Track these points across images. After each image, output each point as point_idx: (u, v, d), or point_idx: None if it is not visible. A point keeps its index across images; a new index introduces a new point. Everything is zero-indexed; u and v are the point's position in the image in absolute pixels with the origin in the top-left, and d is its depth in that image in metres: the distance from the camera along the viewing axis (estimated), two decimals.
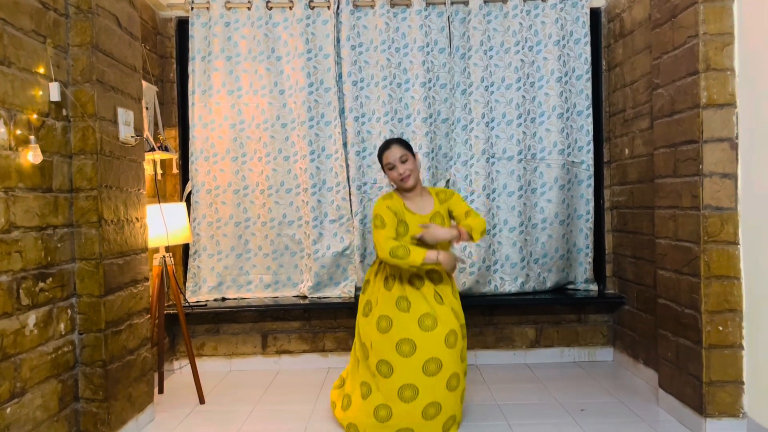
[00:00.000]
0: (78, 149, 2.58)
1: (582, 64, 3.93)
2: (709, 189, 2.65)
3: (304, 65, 3.86)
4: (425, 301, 2.77)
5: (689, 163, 2.74)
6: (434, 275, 2.84)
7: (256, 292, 4.04)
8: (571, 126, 3.95)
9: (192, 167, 3.96)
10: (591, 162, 3.95)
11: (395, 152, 2.82)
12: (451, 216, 2.94)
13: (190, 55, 3.93)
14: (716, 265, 2.65)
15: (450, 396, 2.72)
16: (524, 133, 3.91)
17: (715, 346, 2.65)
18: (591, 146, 3.94)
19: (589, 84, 3.94)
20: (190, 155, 3.96)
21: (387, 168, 2.86)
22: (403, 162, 2.81)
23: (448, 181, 3.91)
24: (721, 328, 2.64)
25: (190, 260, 4.00)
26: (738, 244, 2.64)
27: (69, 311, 2.55)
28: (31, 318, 2.29)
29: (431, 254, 2.69)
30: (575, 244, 4.00)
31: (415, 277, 2.82)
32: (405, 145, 2.87)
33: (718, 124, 2.64)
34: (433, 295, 2.80)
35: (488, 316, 4.01)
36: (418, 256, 2.66)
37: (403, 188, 2.86)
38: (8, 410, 2.15)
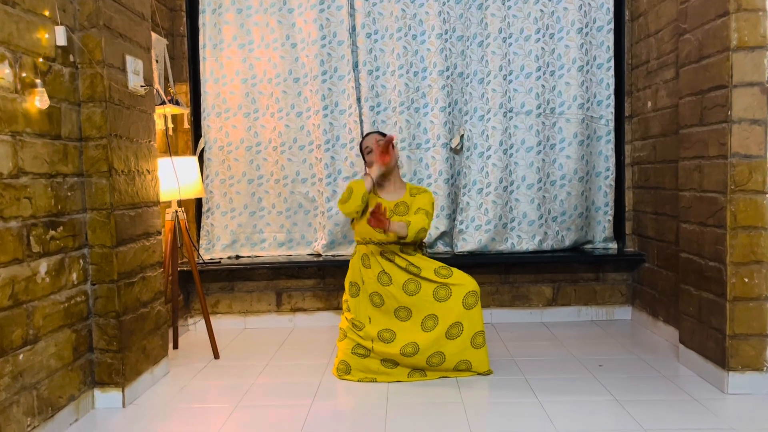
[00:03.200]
0: (86, 97, 2.53)
1: (604, 15, 3.79)
2: (738, 136, 2.54)
3: (316, 17, 3.76)
4: (401, 272, 2.96)
5: (717, 110, 2.63)
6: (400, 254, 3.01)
7: (270, 250, 4.01)
8: (591, 79, 3.82)
9: (204, 123, 3.91)
10: (611, 117, 3.84)
11: (374, 136, 3.06)
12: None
13: (200, 7, 3.85)
14: (743, 215, 2.55)
15: (451, 344, 2.88)
16: (543, 86, 3.80)
17: (740, 298, 2.57)
18: (611, 100, 3.83)
19: (611, 35, 3.81)
20: (201, 111, 3.90)
21: (365, 152, 3.08)
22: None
23: (462, 136, 3.82)
24: (746, 280, 2.56)
25: (203, 218, 3.98)
26: (766, 193, 2.54)
27: (81, 261, 2.52)
28: (43, 266, 2.26)
29: (368, 180, 2.94)
30: (594, 201, 3.91)
31: (387, 253, 3.00)
32: (384, 134, 3.12)
33: (749, 67, 2.52)
34: (406, 265, 2.96)
35: (504, 275, 3.95)
36: (361, 186, 2.92)
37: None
38: (21, 356, 2.14)
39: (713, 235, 2.68)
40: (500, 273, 3.95)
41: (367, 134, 3.15)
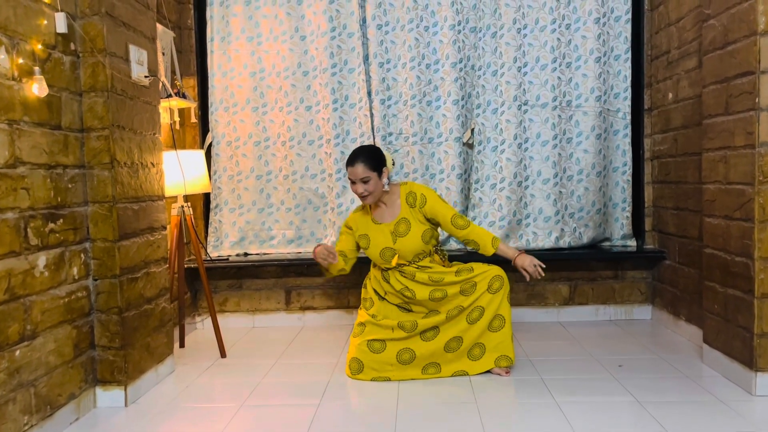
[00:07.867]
0: (88, 86, 2.46)
1: (621, 5, 3.67)
2: (766, 124, 2.42)
3: (325, 9, 3.67)
4: (424, 286, 2.87)
5: (744, 97, 2.50)
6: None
7: (279, 247, 3.93)
8: (608, 71, 3.70)
9: (212, 118, 3.83)
10: (628, 110, 3.72)
11: (357, 171, 2.75)
12: (434, 223, 2.89)
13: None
14: None
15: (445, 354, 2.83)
16: (559, 78, 3.68)
17: None
18: (629, 93, 3.71)
19: (629, 26, 3.69)
20: (209, 105, 3.83)
21: (350, 181, 2.81)
22: (365, 182, 2.76)
23: (473, 130, 3.72)
24: None
25: (211, 214, 3.90)
26: None
27: (82, 255, 2.45)
28: (41, 259, 2.19)
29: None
30: (612, 197, 3.79)
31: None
32: (371, 162, 2.76)
33: None
34: (428, 278, 2.87)
35: (519, 272, 3.82)
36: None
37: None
38: (17, 353, 2.06)
39: (740, 229, 2.55)
40: (515, 270, 3.82)
41: (354, 159, 2.77)
